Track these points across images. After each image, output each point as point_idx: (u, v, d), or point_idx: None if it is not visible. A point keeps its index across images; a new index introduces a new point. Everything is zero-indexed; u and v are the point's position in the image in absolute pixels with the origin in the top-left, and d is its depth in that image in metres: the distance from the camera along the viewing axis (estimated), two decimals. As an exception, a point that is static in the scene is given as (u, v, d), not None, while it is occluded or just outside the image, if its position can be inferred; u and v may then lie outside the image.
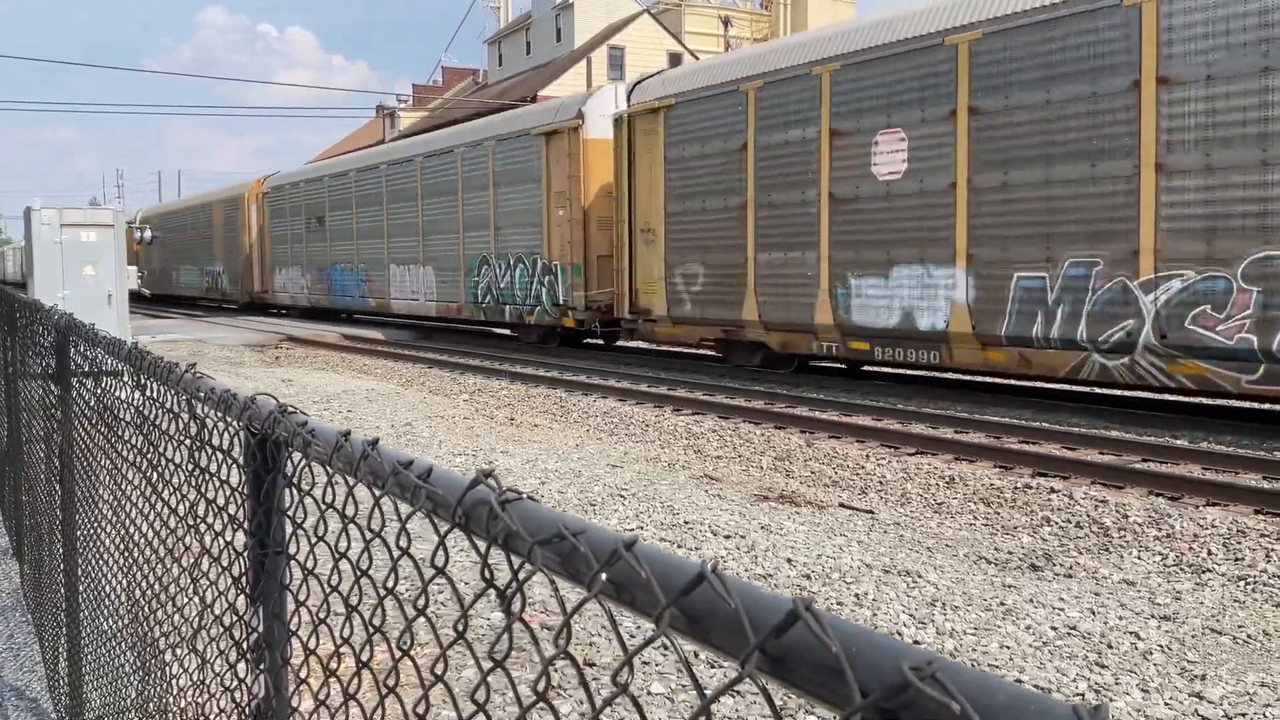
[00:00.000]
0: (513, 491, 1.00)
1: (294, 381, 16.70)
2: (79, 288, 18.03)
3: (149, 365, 2.46)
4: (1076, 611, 5.78)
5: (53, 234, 18.31)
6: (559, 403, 15.01)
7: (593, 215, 21.16)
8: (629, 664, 0.84)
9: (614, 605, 0.85)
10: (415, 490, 1.14)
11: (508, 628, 1.00)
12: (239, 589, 1.85)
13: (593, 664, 4.84)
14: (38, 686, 4.78)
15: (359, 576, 1.42)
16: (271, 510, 1.69)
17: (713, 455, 11.07)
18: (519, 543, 0.95)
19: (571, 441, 11.49)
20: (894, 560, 6.72)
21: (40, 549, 5.10)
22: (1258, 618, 5.84)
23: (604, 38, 47.38)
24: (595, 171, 21.07)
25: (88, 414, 3.67)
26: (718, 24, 51.22)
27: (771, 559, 6.70)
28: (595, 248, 21.10)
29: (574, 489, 8.77)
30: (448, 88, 59.23)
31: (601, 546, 0.86)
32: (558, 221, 21.74)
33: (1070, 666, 5.00)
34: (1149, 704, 4.59)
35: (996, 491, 9.01)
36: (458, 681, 4.33)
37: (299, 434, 1.49)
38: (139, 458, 2.67)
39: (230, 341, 25.83)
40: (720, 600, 0.72)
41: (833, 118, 15.42)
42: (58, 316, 4.18)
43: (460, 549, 1.19)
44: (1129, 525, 7.84)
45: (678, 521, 7.65)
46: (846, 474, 9.96)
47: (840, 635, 0.64)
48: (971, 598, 5.99)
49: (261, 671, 1.71)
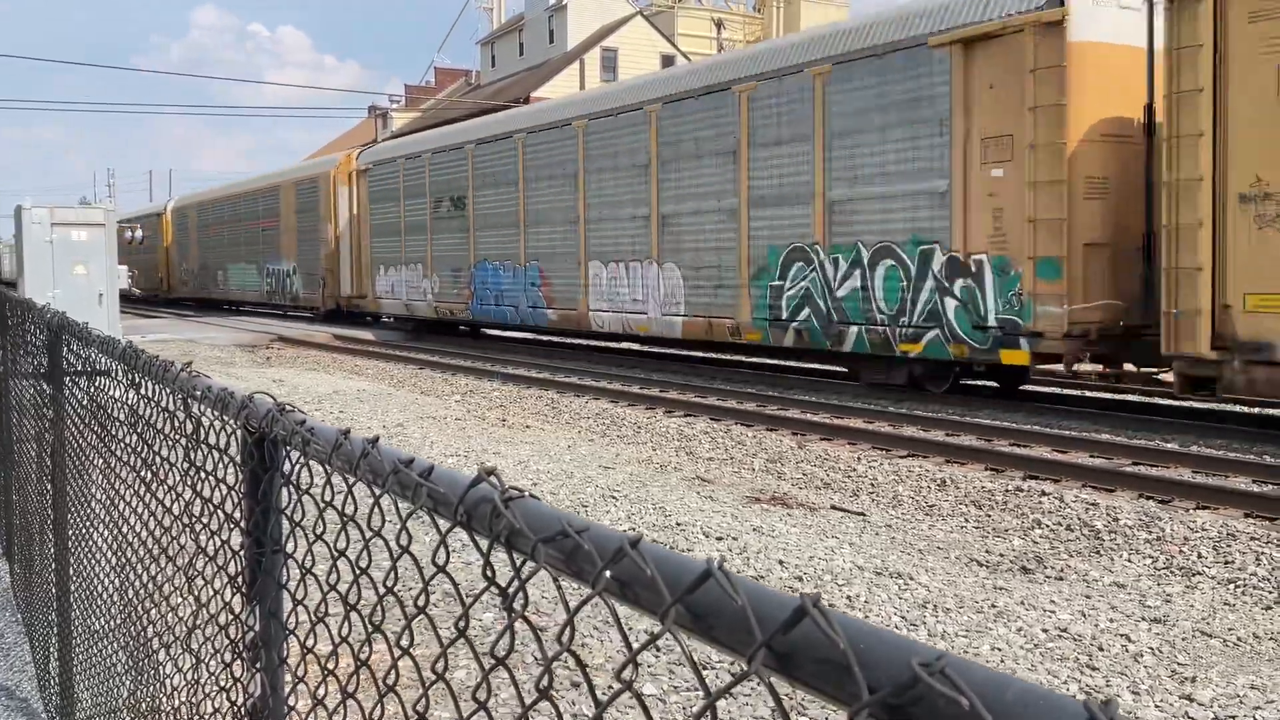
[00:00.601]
0: (515, 489, 1.00)
1: (285, 382, 16.67)
2: (70, 287, 17.97)
3: (144, 364, 2.45)
4: (1067, 614, 5.80)
5: (43, 233, 18.25)
6: (551, 404, 15.00)
7: (1078, 174, 12.58)
8: (634, 661, 0.84)
9: (618, 602, 0.86)
10: (416, 488, 1.14)
11: (510, 625, 1.00)
12: (235, 588, 1.85)
13: (587, 665, 4.84)
14: (28, 686, 4.76)
15: (358, 575, 1.42)
16: (269, 509, 1.69)
17: (705, 457, 11.08)
18: (522, 540, 0.95)
19: (563, 443, 11.48)
20: (886, 562, 6.73)
21: (31, 548, 5.09)
22: (1248, 620, 5.86)
23: (597, 39, 47.37)
24: (1087, 98, 12.55)
25: (80, 413, 3.66)
26: (710, 26, 51.26)
27: (763, 561, 6.71)
28: (1081, 229, 12.61)
29: (566, 490, 8.76)
30: (440, 88, 59.16)
31: (606, 544, 0.86)
32: (987, 185, 13.28)
33: (1061, 669, 5.01)
34: (1139, 706, 4.60)
35: (988, 494, 9.03)
36: (450, 681, 4.33)
37: (298, 432, 1.49)
38: (133, 456, 2.67)
39: (221, 341, 25.77)
40: (726, 597, 0.73)
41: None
42: (50, 315, 4.17)
43: (455, 549, 1.19)
44: (1120, 528, 7.86)
45: (670, 523, 7.65)
46: (838, 476, 9.97)
47: (848, 632, 0.64)
48: (963, 600, 6.00)
49: (258, 670, 1.71)
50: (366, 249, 29.32)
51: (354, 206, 30.15)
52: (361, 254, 29.65)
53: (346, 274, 30.42)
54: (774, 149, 16.35)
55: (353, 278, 30.24)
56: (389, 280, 28.24)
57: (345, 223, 30.45)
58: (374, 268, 28.95)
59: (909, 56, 14.15)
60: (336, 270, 30.73)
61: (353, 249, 30.19)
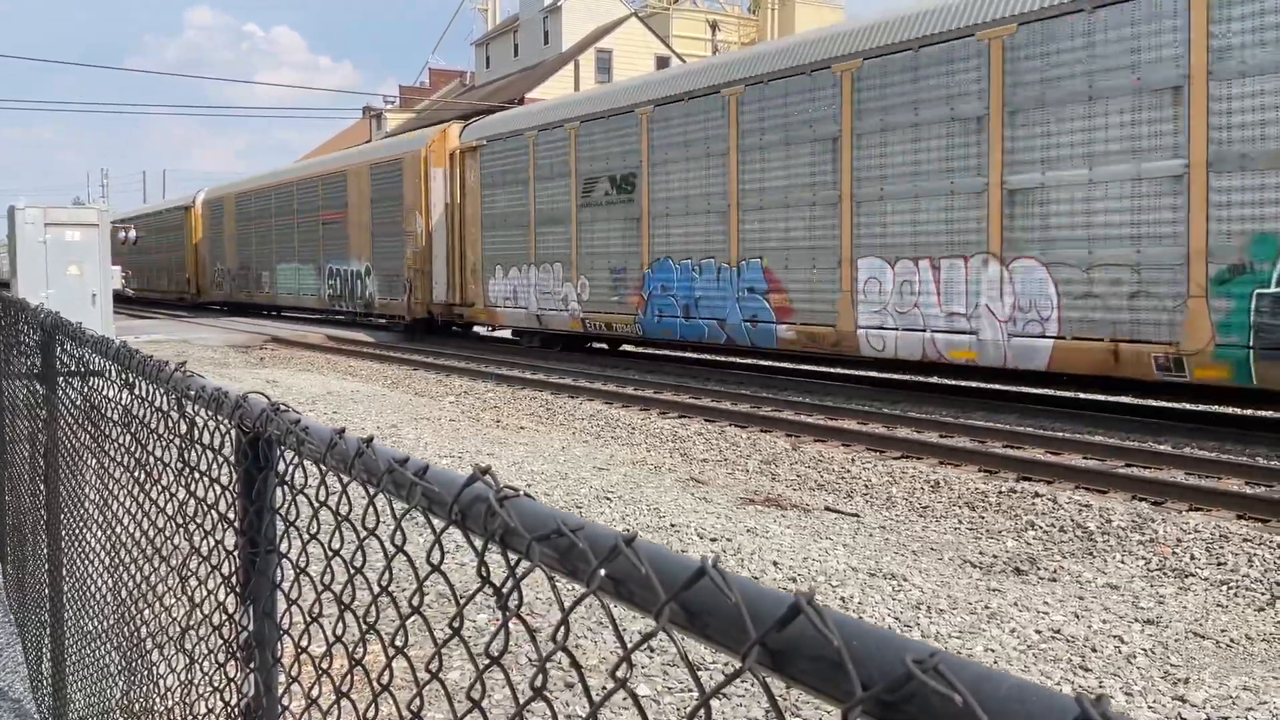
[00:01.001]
0: (510, 488, 1.00)
1: (279, 383, 16.64)
2: (63, 287, 17.93)
3: (138, 364, 2.45)
4: (1061, 615, 5.81)
5: (37, 233, 18.21)
6: (545, 405, 15.00)
7: None
8: (628, 660, 0.84)
9: (612, 601, 0.86)
10: (411, 488, 1.14)
11: (504, 624, 1.00)
12: (229, 588, 1.85)
13: (581, 665, 4.84)
14: (20, 687, 4.75)
15: (352, 575, 1.42)
16: (263, 509, 1.69)
17: (699, 458, 11.08)
18: (517, 539, 0.95)
19: (558, 444, 11.48)
20: (879, 563, 6.74)
21: (23, 549, 5.07)
22: (1240, 621, 5.88)
23: (591, 40, 47.39)
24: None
25: (73, 413, 3.65)
26: (705, 28, 51.30)
27: (757, 562, 6.71)
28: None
29: (560, 491, 8.76)
30: (435, 89, 59.14)
31: (601, 543, 0.86)
32: None
33: (1054, 670, 5.02)
34: (1132, 707, 4.62)
35: (981, 495, 9.04)
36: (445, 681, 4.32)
37: (292, 432, 1.49)
38: (126, 457, 2.66)
39: (214, 342, 25.72)
40: (720, 595, 0.73)
41: None
42: (44, 315, 4.16)
43: (450, 550, 1.19)
44: (1113, 529, 7.88)
45: (664, 524, 7.65)
46: (832, 477, 9.98)
47: (842, 629, 0.64)
48: (956, 601, 6.01)
49: (251, 670, 1.71)
50: (475, 245, 23.46)
51: (454, 193, 24.47)
52: (466, 252, 23.84)
53: (442, 276, 24.73)
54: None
55: (452, 281, 24.43)
56: (509, 284, 22.40)
57: (440, 214, 24.88)
58: (486, 269, 23.19)
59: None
60: (428, 271, 25.03)
61: (453, 246, 24.51)
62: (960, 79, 13.43)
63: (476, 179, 23.70)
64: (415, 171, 25.65)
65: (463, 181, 24.23)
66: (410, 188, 25.87)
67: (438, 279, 25.09)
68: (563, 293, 21.04)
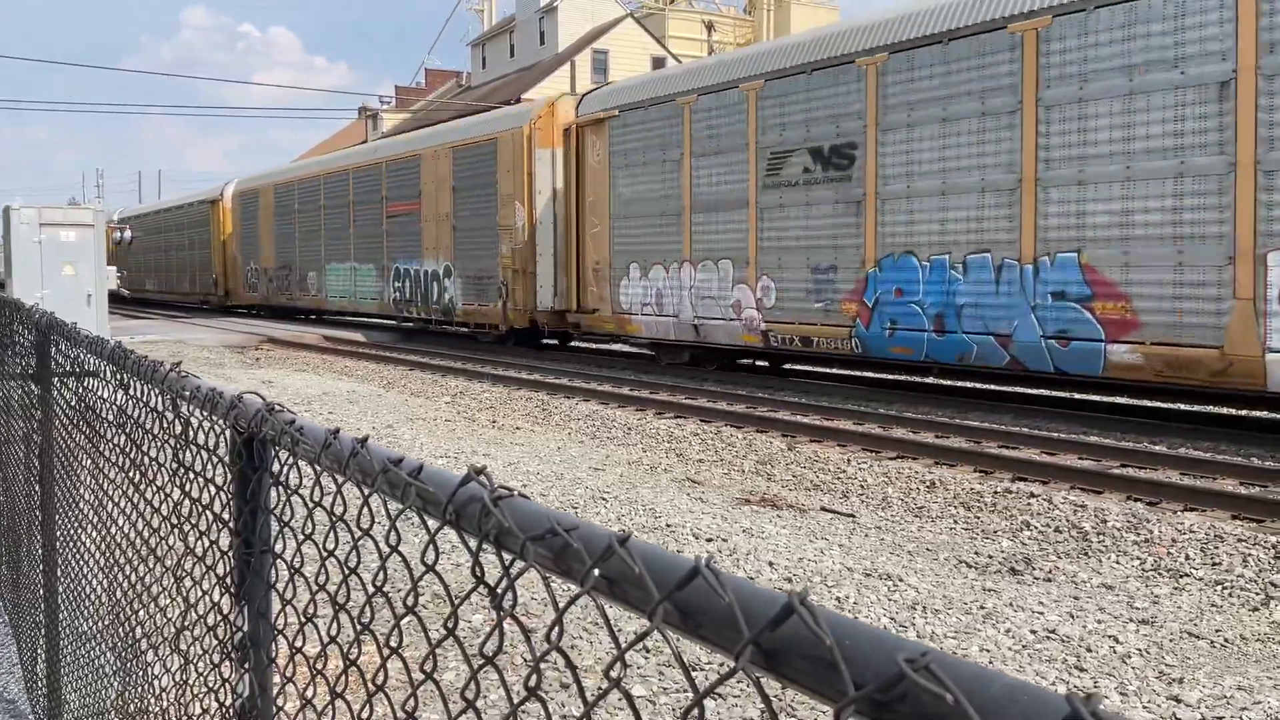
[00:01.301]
0: (504, 488, 1.00)
1: (275, 383, 16.63)
2: (58, 288, 17.91)
3: (133, 364, 2.45)
4: (1056, 615, 5.81)
5: (31, 233, 18.19)
6: (541, 405, 15.00)
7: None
8: (622, 659, 0.84)
9: (606, 601, 0.86)
10: (405, 488, 1.14)
11: (499, 624, 1.00)
12: (223, 588, 1.85)
13: (576, 666, 4.84)
14: (15, 688, 4.74)
15: (346, 575, 1.42)
16: (258, 509, 1.69)
17: (695, 458, 11.08)
18: (511, 539, 0.95)
19: (554, 444, 11.48)
20: (875, 564, 6.74)
21: (18, 550, 5.07)
22: (1235, 622, 5.89)
23: (587, 41, 47.41)
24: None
25: (68, 413, 3.65)
26: (701, 29, 51.33)
27: (753, 562, 6.72)
28: None
29: (556, 491, 8.76)
30: (431, 89, 59.13)
31: (595, 542, 0.86)
32: None
33: (1049, 670, 5.03)
34: (1127, 707, 4.62)
35: (977, 496, 9.05)
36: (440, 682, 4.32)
37: (287, 432, 1.49)
38: (121, 457, 2.66)
39: (209, 342, 25.70)
40: (714, 595, 0.73)
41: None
42: (39, 315, 4.15)
43: (445, 550, 1.19)
44: (1108, 530, 7.89)
45: (659, 524, 7.65)
46: (828, 477, 9.99)
47: (834, 629, 0.65)
48: (952, 601, 6.02)
49: (246, 671, 1.71)
50: (601, 240, 19.48)
51: (567, 177, 20.50)
52: (585, 248, 19.92)
53: (549, 277, 20.99)
54: None
55: (566, 282, 20.67)
56: (648, 286, 18.38)
57: (548, 203, 21.01)
58: (616, 268, 19.16)
59: None
60: (531, 272, 21.12)
61: (567, 241, 20.57)
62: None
63: (603, 158, 19.37)
64: (514, 153, 21.43)
65: (581, 163, 19.96)
66: (508, 173, 21.68)
67: (543, 281, 21.04)
68: (733, 297, 16.67)
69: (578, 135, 20.21)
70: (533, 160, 21.11)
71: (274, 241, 33.65)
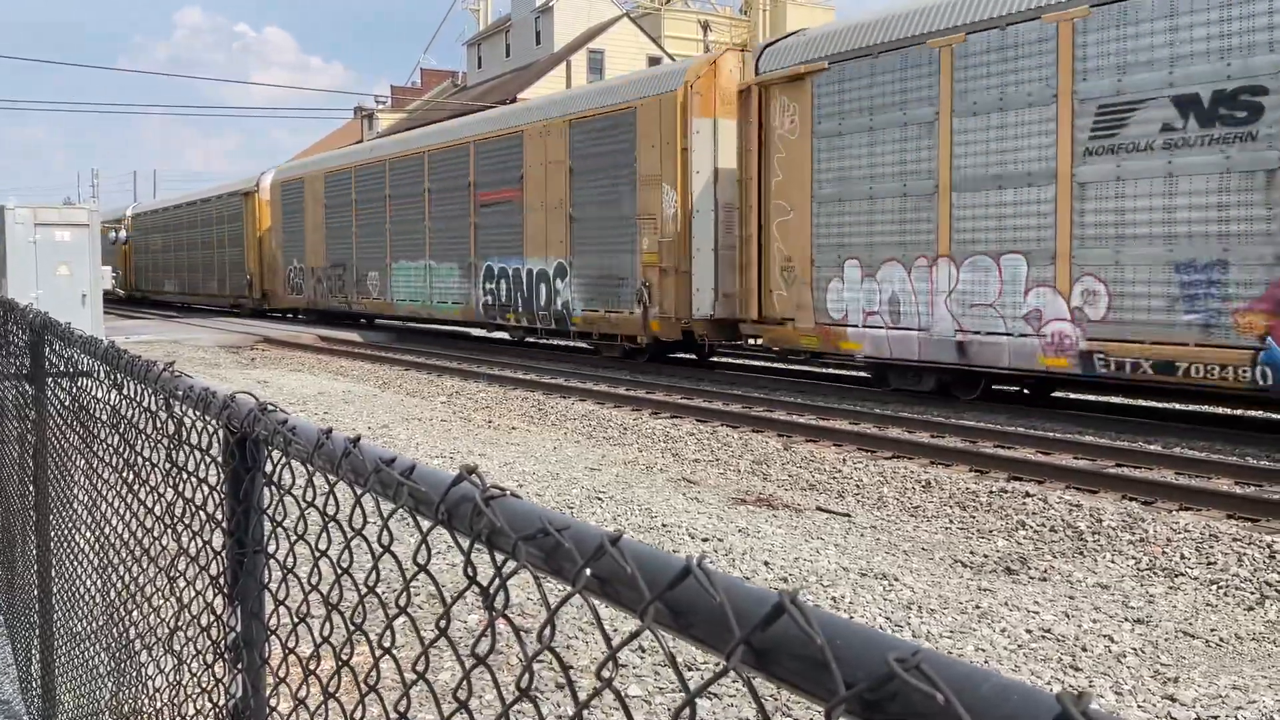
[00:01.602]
0: (496, 488, 1.00)
1: (270, 383, 16.62)
2: (53, 288, 17.88)
3: (126, 364, 2.44)
4: (1051, 615, 5.82)
5: (27, 233, 18.16)
6: (537, 405, 14.99)
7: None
8: (614, 659, 0.84)
9: (598, 600, 0.86)
10: (398, 487, 1.14)
11: (490, 624, 1.00)
12: (217, 589, 1.84)
13: (570, 666, 4.84)
14: (10, 688, 4.74)
15: (339, 575, 1.41)
16: (250, 509, 1.68)
17: (690, 458, 11.08)
18: (503, 539, 0.95)
19: (549, 444, 11.47)
20: (870, 563, 6.75)
21: (12, 550, 5.06)
22: (1230, 621, 5.90)
23: (583, 41, 47.41)
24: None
25: (63, 414, 3.64)
26: (697, 29, 51.35)
27: (749, 562, 6.72)
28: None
29: (551, 491, 8.76)
30: (426, 89, 59.11)
31: (586, 542, 0.86)
32: None
33: (1044, 669, 5.04)
34: (1122, 706, 4.63)
35: (972, 495, 9.06)
36: (434, 683, 4.32)
37: (279, 432, 1.48)
38: (115, 457, 2.66)
39: (205, 342, 25.66)
40: (705, 594, 0.73)
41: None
42: (33, 315, 4.14)
43: (438, 550, 1.19)
44: (1103, 529, 7.90)
45: (655, 524, 7.65)
46: (823, 477, 9.99)
47: (825, 628, 0.64)
48: (947, 601, 6.02)
49: (239, 671, 1.71)
50: (799, 230, 15.16)
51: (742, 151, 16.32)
52: (769, 241, 15.67)
53: (709, 277, 17.16)
54: None
55: (738, 284, 16.56)
56: (878, 290, 14.26)
57: (706, 185, 17.21)
58: (822, 266, 14.94)
59: None
60: (685, 271, 17.24)
61: (742, 231, 16.35)
62: None
63: (801, 124, 15.12)
64: (663, 124, 17.50)
65: (766, 133, 15.67)
66: (651, 149, 17.72)
67: (701, 282, 17.14)
68: (1028, 306, 12.58)
69: (760, 98, 15.77)
70: (687, 133, 17.10)
71: (324, 237, 29.51)
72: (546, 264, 20.59)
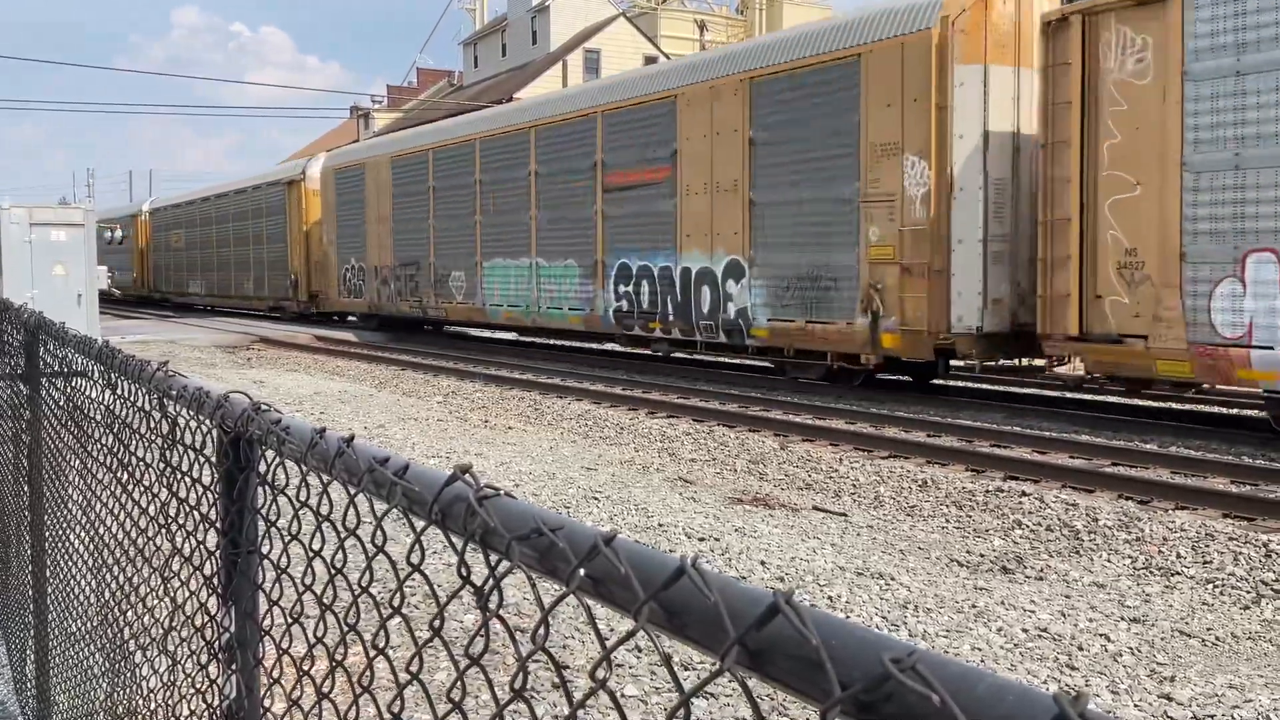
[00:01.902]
0: (490, 488, 0.99)
1: (266, 383, 16.59)
2: (48, 287, 17.85)
3: (120, 364, 2.43)
4: (1047, 614, 5.82)
5: (22, 233, 18.13)
6: (533, 405, 14.98)
7: None
8: (607, 659, 0.84)
9: (592, 601, 0.85)
10: (391, 487, 1.13)
11: (484, 624, 1.00)
12: (211, 589, 1.84)
13: (567, 666, 4.83)
14: (4, 689, 4.72)
15: (333, 575, 1.41)
16: (244, 509, 1.68)
17: (687, 458, 11.08)
18: (496, 539, 0.94)
19: (546, 444, 11.47)
20: (867, 563, 6.74)
21: (7, 551, 5.04)
22: (1226, 620, 5.90)
23: (580, 40, 47.39)
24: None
25: (57, 414, 3.63)
26: (694, 28, 51.35)
27: (745, 561, 6.71)
28: None
29: (548, 491, 8.75)
30: (423, 89, 59.08)
31: (580, 542, 0.85)
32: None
33: (1041, 668, 5.04)
34: (1119, 705, 4.63)
35: (969, 495, 9.06)
36: (429, 684, 4.31)
37: (273, 432, 1.48)
38: (109, 457, 2.65)
39: (201, 342, 25.63)
40: (699, 594, 0.72)
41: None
42: (28, 315, 4.13)
43: (433, 551, 1.18)
44: (1099, 528, 7.90)
45: (652, 524, 7.65)
46: (820, 477, 9.99)
47: (820, 628, 0.64)
48: (944, 600, 6.02)
49: (233, 672, 1.70)
50: (1151, 211, 11.19)
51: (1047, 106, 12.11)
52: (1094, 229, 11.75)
53: (973, 278, 13.07)
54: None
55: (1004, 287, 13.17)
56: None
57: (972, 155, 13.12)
58: (1200, 265, 10.85)
59: None
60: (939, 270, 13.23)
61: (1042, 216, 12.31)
62: None
63: (1156, 63, 11.03)
64: (906, 75, 13.51)
65: (1093, 80, 11.62)
66: (886, 108, 13.77)
67: (964, 284, 13.06)
68: None
69: (1085, 31, 11.61)
70: (946, 87, 13.04)
71: (391, 230, 25.42)
72: (712, 261, 16.63)
